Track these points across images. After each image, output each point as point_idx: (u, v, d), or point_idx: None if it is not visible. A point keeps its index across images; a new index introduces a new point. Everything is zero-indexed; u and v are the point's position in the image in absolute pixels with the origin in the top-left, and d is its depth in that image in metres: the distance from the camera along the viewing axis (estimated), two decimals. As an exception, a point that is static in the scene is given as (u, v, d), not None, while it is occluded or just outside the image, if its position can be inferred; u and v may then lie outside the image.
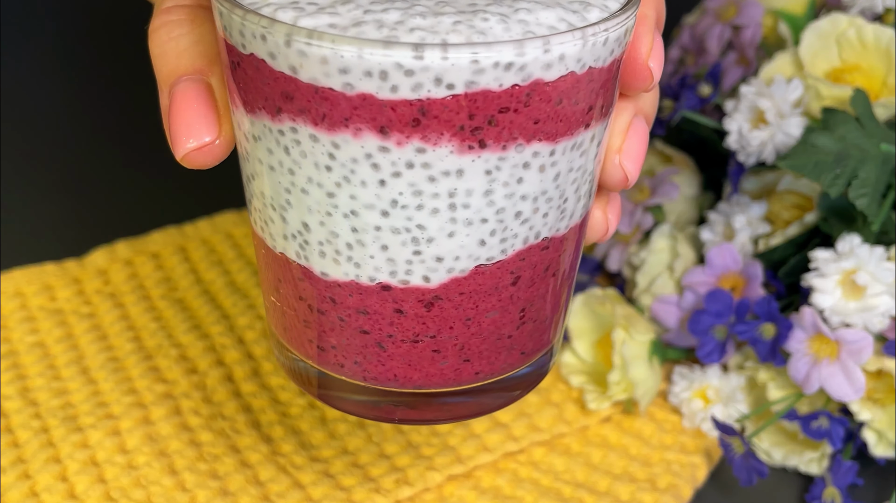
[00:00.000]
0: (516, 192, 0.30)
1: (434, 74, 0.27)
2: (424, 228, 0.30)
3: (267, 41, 0.28)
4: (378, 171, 0.29)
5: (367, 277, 0.31)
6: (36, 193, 0.65)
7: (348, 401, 0.34)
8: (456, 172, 0.29)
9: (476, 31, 0.28)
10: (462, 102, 0.28)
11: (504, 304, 0.32)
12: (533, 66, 0.28)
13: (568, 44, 0.28)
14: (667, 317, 0.52)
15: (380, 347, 0.32)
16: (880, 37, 0.50)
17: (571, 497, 0.47)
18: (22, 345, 0.53)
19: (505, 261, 0.31)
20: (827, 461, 0.48)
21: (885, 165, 0.47)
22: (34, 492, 0.45)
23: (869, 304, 0.46)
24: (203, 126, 0.32)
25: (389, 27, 0.28)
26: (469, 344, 0.32)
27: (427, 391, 0.33)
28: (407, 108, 0.28)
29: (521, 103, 0.29)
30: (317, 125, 0.29)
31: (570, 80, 0.29)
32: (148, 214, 0.62)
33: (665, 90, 0.53)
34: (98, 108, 0.73)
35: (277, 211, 0.31)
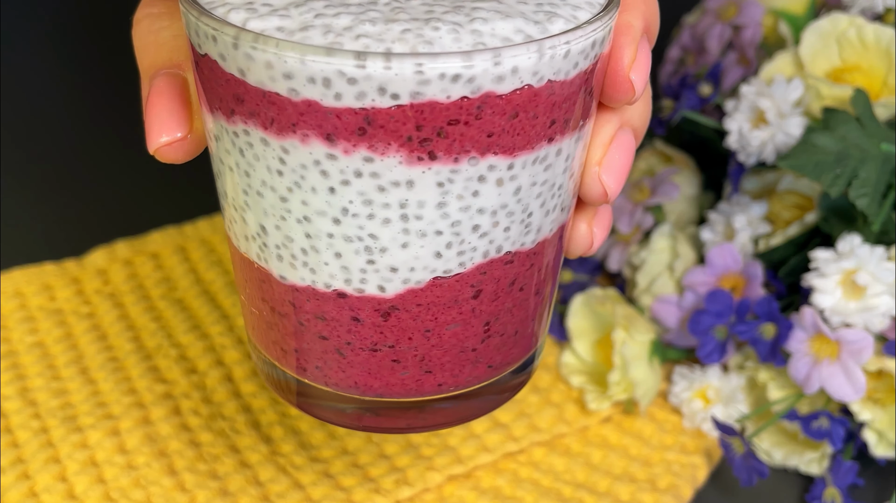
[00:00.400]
0: (472, 205, 0.29)
1: (377, 84, 0.27)
2: (377, 238, 0.29)
3: (218, 43, 0.28)
4: (327, 179, 0.28)
5: (322, 283, 0.30)
6: (35, 193, 0.65)
7: (317, 406, 0.34)
8: (406, 183, 0.28)
9: (423, 41, 0.27)
10: (408, 113, 0.27)
11: (466, 318, 0.31)
12: (483, 78, 0.27)
13: (521, 56, 0.27)
14: (667, 317, 0.52)
15: (339, 354, 0.32)
16: (881, 36, 0.50)
17: (571, 497, 0.47)
18: (21, 345, 0.53)
19: (464, 274, 0.30)
20: (827, 461, 0.48)
21: (885, 165, 0.47)
22: (34, 492, 0.45)
23: (869, 304, 0.46)
24: (175, 121, 0.31)
25: (336, 33, 0.27)
26: (430, 355, 0.32)
27: (402, 401, 0.32)
28: (352, 117, 0.27)
29: (472, 116, 0.28)
30: (266, 129, 0.28)
31: (527, 93, 0.28)
32: (147, 214, 0.62)
33: (665, 90, 0.53)
34: (97, 107, 0.73)
35: (238, 211, 0.31)
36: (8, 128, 0.70)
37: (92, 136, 0.70)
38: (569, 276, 0.57)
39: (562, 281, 0.57)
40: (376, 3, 0.28)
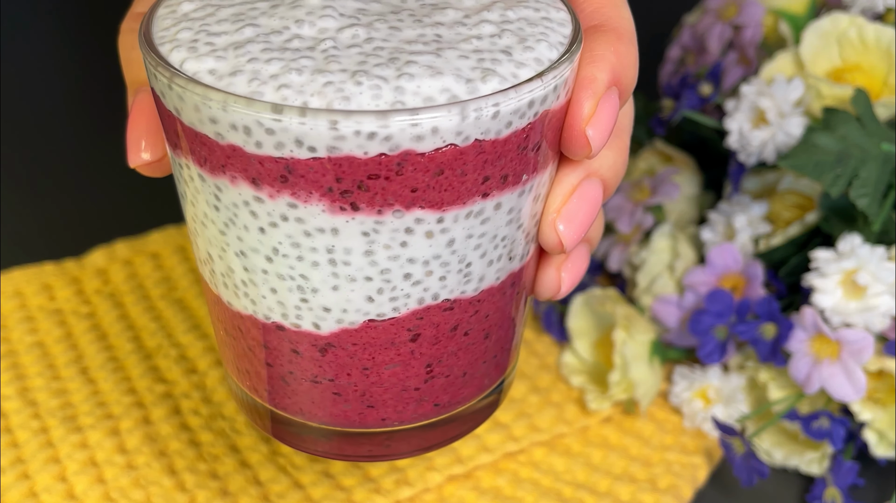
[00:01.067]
0: (401, 254, 0.29)
1: (294, 136, 0.27)
2: (307, 279, 0.30)
3: (158, 80, 0.29)
4: (257, 219, 0.29)
5: (262, 315, 0.31)
6: (35, 193, 0.65)
7: (285, 432, 0.34)
8: (331, 230, 0.29)
9: (342, 96, 0.27)
10: (326, 166, 0.27)
11: (405, 359, 0.31)
12: (400, 137, 0.27)
13: (441, 118, 0.27)
14: (667, 317, 0.52)
15: (283, 382, 0.32)
16: (881, 36, 0.50)
17: (572, 497, 0.47)
18: (21, 344, 0.53)
19: (399, 318, 0.31)
20: (828, 461, 0.48)
21: (885, 165, 0.47)
22: (33, 492, 0.45)
23: (870, 304, 0.46)
24: (153, 140, 0.32)
25: (261, 80, 0.27)
26: (370, 391, 0.32)
27: (308, 423, 0.33)
28: (273, 165, 0.28)
29: (393, 171, 0.28)
30: (201, 166, 0.29)
31: (451, 152, 0.28)
32: (147, 214, 0.62)
33: (665, 90, 0.53)
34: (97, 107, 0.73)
35: (192, 236, 0.32)
36: (8, 127, 0.70)
37: (92, 136, 0.70)
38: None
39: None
40: (313, 49, 0.28)
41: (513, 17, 0.31)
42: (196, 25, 0.29)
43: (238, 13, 0.30)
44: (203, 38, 0.29)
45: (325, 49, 0.28)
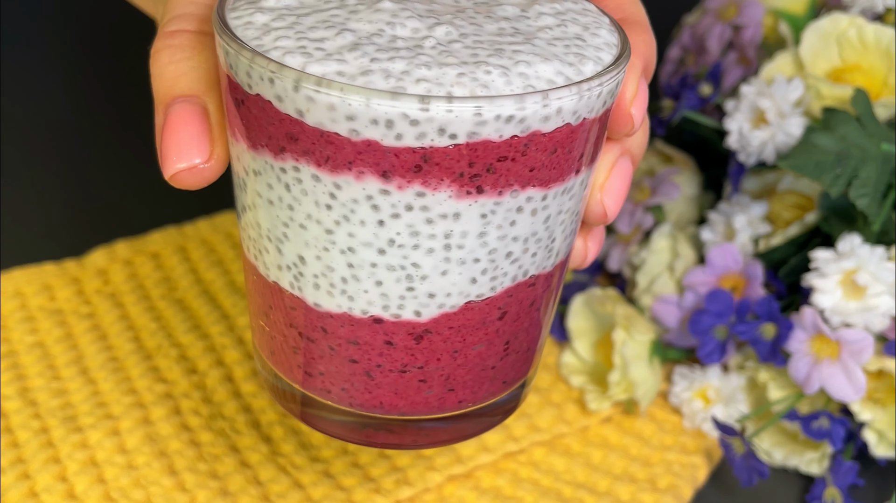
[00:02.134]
0: (508, 233, 0.31)
1: (438, 125, 0.28)
2: (419, 266, 0.31)
3: (275, 84, 0.29)
4: (377, 212, 0.30)
5: (359, 310, 0.32)
6: (35, 193, 0.65)
7: (331, 423, 0.35)
8: (453, 215, 0.30)
9: (479, 84, 0.29)
10: (463, 151, 0.29)
11: (490, 338, 0.33)
12: (532, 118, 0.29)
13: (565, 98, 0.29)
14: (667, 317, 0.52)
15: (368, 376, 0.33)
16: (881, 37, 0.50)
17: (572, 497, 0.47)
18: (21, 345, 0.53)
19: (493, 297, 0.32)
20: (827, 461, 0.48)
21: (885, 165, 0.47)
22: (34, 492, 0.45)
23: (869, 304, 0.46)
24: (194, 147, 0.32)
25: (396, 77, 0.29)
26: (454, 374, 0.33)
27: (409, 418, 0.34)
28: (410, 156, 0.29)
29: (519, 153, 0.30)
30: (320, 166, 0.30)
31: (566, 130, 0.30)
32: (147, 214, 0.62)
33: (665, 90, 0.53)
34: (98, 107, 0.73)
35: (273, 242, 0.32)
36: (8, 127, 0.71)
37: (92, 136, 0.70)
38: (569, 276, 0.57)
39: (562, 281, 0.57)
40: (421, 47, 0.30)
41: (561, 9, 0.33)
42: (291, 33, 0.30)
43: (323, 20, 0.31)
44: (309, 45, 0.29)
45: (433, 46, 0.30)
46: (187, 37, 0.34)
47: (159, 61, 0.33)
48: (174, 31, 0.34)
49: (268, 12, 0.31)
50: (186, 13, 0.34)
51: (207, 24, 0.34)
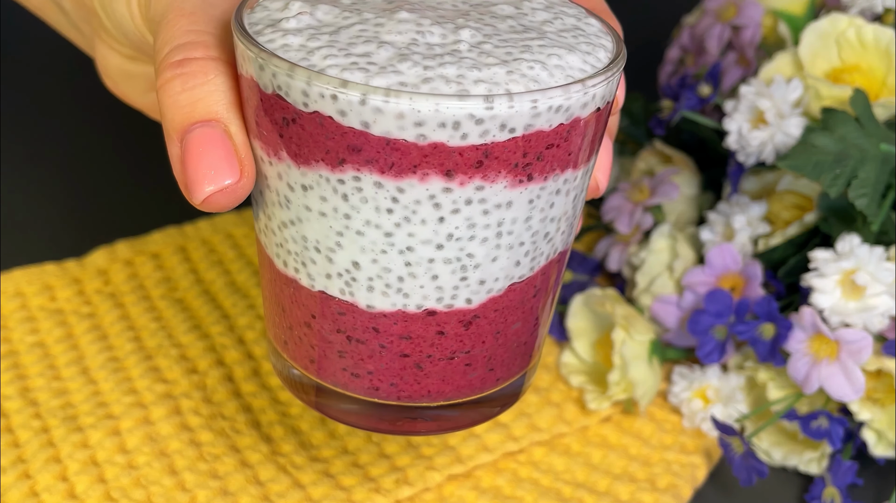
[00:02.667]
0: (548, 215, 0.33)
1: (500, 121, 0.30)
2: (473, 256, 0.33)
3: (338, 100, 0.30)
4: (439, 210, 0.31)
5: (414, 305, 0.33)
6: (36, 193, 0.65)
7: (370, 417, 0.36)
8: (506, 204, 0.32)
9: (530, 80, 0.31)
10: (519, 143, 0.31)
11: (526, 315, 0.35)
12: (575, 106, 0.31)
13: (599, 85, 0.32)
14: (666, 317, 0.52)
15: (418, 368, 0.35)
16: (880, 37, 0.50)
17: (571, 497, 0.47)
18: (22, 345, 0.53)
19: (531, 276, 0.34)
20: (826, 461, 0.48)
21: (884, 165, 0.47)
22: (34, 491, 0.45)
23: (868, 304, 0.46)
24: (225, 169, 0.33)
25: (455, 81, 0.30)
26: (495, 354, 0.35)
27: (445, 403, 0.35)
28: (473, 153, 0.31)
29: (563, 139, 0.32)
30: (384, 173, 0.31)
31: (596, 114, 0.33)
32: (148, 214, 0.62)
33: (665, 90, 0.53)
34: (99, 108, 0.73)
35: (323, 253, 0.33)
36: (9, 127, 0.71)
37: (93, 137, 0.70)
38: (569, 276, 0.57)
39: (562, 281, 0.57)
40: (458, 51, 0.31)
41: (547, 3, 0.35)
42: (335, 51, 0.31)
43: (356, 35, 0.32)
44: (360, 60, 0.31)
45: (469, 49, 0.32)
46: (198, 64, 0.34)
47: (171, 90, 0.34)
48: (181, 61, 0.34)
49: (297, 34, 0.32)
50: (188, 42, 0.34)
51: (215, 51, 0.34)
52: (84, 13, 0.44)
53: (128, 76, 0.45)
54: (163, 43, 0.35)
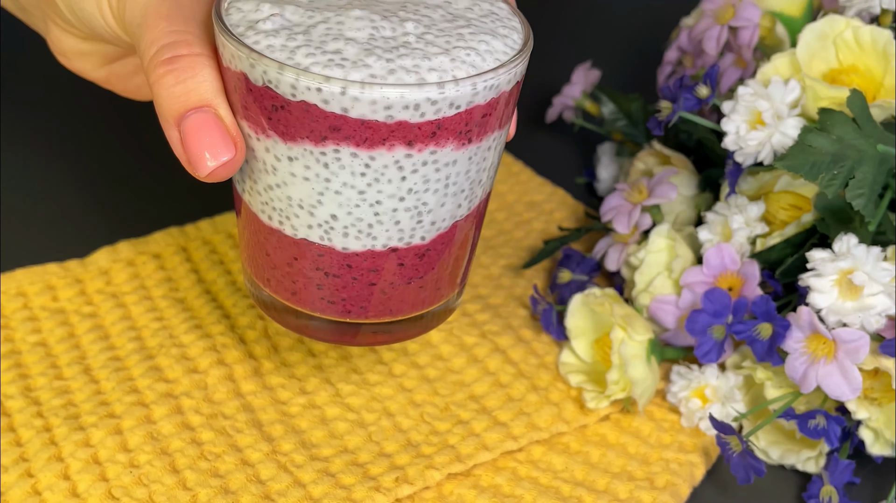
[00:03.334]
0: (481, 166, 0.41)
1: (449, 101, 0.38)
2: (427, 204, 0.40)
3: (322, 91, 0.37)
4: (401, 171, 0.39)
5: (381, 245, 0.41)
6: (38, 194, 0.65)
7: (340, 333, 0.44)
8: (452, 162, 0.39)
9: (469, 66, 0.38)
10: (463, 116, 0.38)
11: (463, 243, 0.43)
12: (503, 83, 0.39)
13: (519, 63, 0.40)
14: (665, 316, 0.52)
15: (382, 293, 0.42)
16: (877, 38, 0.50)
17: (570, 495, 0.47)
18: (24, 344, 0.53)
19: (468, 214, 0.42)
20: (824, 459, 0.49)
21: (882, 166, 0.47)
22: (36, 490, 0.46)
23: (866, 304, 0.46)
24: (221, 146, 0.39)
25: (413, 71, 0.37)
26: (440, 276, 0.43)
27: (399, 318, 0.44)
28: (429, 126, 0.38)
29: (493, 108, 0.39)
30: (358, 146, 0.38)
31: (515, 87, 0.40)
32: (150, 215, 0.62)
33: (663, 91, 0.53)
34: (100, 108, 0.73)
35: (305, 209, 0.40)
36: (11, 128, 0.71)
37: (95, 137, 0.71)
38: (567, 276, 0.57)
39: (561, 280, 0.58)
40: (410, 44, 0.38)
41: None
42: (311, 49, 0.37)
43: (325, 33, 0.38)
44: (334, 57, 0.37)
45: (416, 39, 0.38)
46: (186, 60, 0.39)
47: (166, 84, 0.39)
48: (171, 58, 0.39)
49: (275, 35, 0.38)
50: (173, 41, 0.40)
51: (198, 47, 0.40)
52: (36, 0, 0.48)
53: (82, 54, 0.49)
54: (149, 43, 0.40)
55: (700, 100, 0.52)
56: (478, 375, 0.53)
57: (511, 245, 0.62)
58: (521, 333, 0.56)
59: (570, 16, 0.87)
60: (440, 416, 0.51)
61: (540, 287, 0.59)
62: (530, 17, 0.46)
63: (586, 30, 0.86)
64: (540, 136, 0.73)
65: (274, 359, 0.53)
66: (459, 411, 0.51)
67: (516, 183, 0.67)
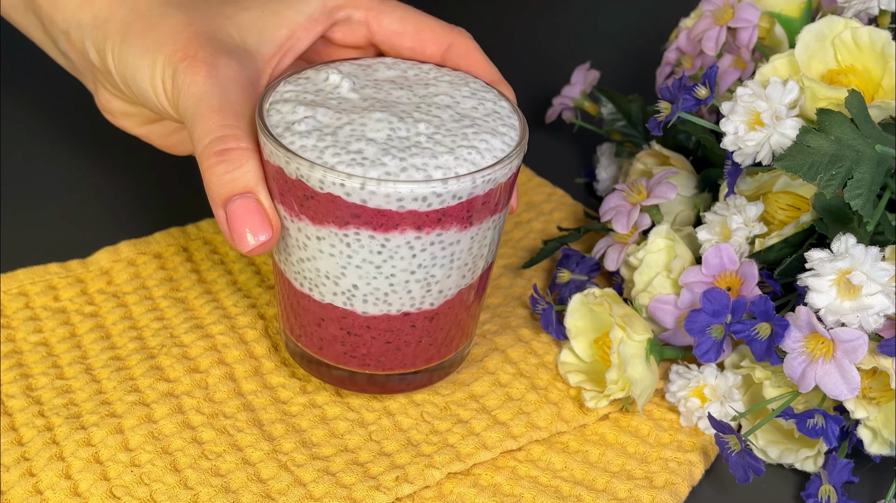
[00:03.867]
0: (483, 243, 0.47)
1: (452, 193, 0.43)
2: (435, 276, 0.46)
3: (345, 185, 0.43)
4: (412, 250, 0.45)
5: (395, 310, 0.47)
6: (39, 194, 0.65)
7: (361, 383, 0.50)
8: (456, 242, 0.45)
9: (470, 163, 0.44)
10: (464, 205, 0.44)
11: (467, 308, 0.49)
12: (500, 176, 0.45)
13: (514, 159, 0.45)
14: (664, 316, 0.52)
15: (397, 349, 0.48)
16: (875, 39, 0.50)
17: (570, 494, 0.47)
18: (26, 344, 0.53)
19: (473, 283, 0.48)
20: (822, 459, 0.49)
21: (880, 166, 0.47)
22: (38, 489, 0.46)
23: (864, 304, 0.46)
24: (262, 228, 0.45)
25: (422, 168, 0.43)
26: (448, 335, 0.49)
27: (410, 371, 0.50)
28: (435, 214, 0.44)
29: (491, 197, 0.45)
30: (375, 230, 0.44)
31: (513, 177, 0.46)
32: (151, 215, 0.62)
33: (662, 92, 0.54)
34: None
35: (331, 279, 0.46)
36: (12, 129, 0.71)
37: (97, 137, 0.71)
38: (567, 276, 0.57)
39: (560, 280, 0.58)
40: (421, 143, 0.44)
41: (470, 92, 0.48)
42: (338, 149, 0.43)
43: (349, 134, 0.44)
44: (356, 157, 0.43)
45: (427, 139, 0.44)
46: (235, 153, 0.45)
47: (217, 172, 0.45)
48: (222, 150, 0.45)
49: (308, 136, 0.44)
50: (224, 135, 0.45)
51: (244, 142, 0.45)
52: (89, 66, 0.52)
53: (127, 114, 0.54)
54: (203, 134, 0.45)
55: (699, 100, 0.52)
56: (477, 375, 0.53)
57: (510, 245, 0.62)
58: (520, 333, 0.56)
59: (570, 16, 0.88)
60: (440, 416, 0.51)
61: (539, 287, 0.59)
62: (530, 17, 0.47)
63: (586, 30, 0.86)
64: (539, 137, 0.73)
65: (274, 359, 0.53)
66: (459, 410, 0.51)
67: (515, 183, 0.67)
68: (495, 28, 0.85)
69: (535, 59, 0.82)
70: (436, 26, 0.49)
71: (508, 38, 0.84)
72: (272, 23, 0.49)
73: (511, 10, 0.88)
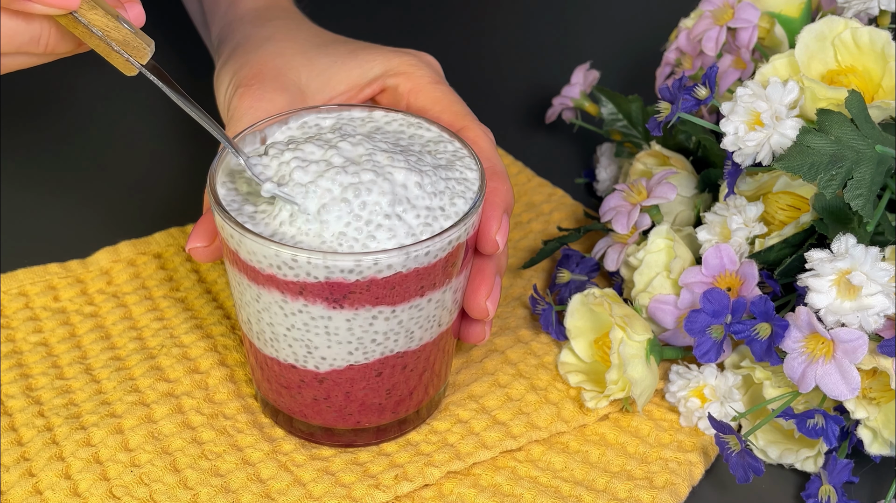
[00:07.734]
0: (370, 329, 0.45)
1: (306, 270, 0.43)
2: (312, 341, 0.46)
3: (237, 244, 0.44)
4: (283, 310, 0.45)
5: (282, 358, 0.47)
6: (40, 194, 0.65)
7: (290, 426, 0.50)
8: (327, 317, 0.45)
9: (366, 240, 0.44)
10: (325, 286, 0.44)
11: (371, 386, 0.47)
12: (369, 271, 0.43)
13: (394, 258, 0.43)
14: (664, 316, 0.52)
15: (293, 398, 0.48)
16: (875, 39, 0.50)
17: (569, 494, 0.47)
18: (26, 344, 0.53)
19: (369, 363, 0.47)
20: (822, 459, 0.49)
21: (880, 166, 0.47)
22: (38, 489, 0.46)
23: (864, 304, 0.46)
24: (204, 237, 0.49)
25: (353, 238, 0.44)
26: (349, 406, 0.48)
27: (316, 425, 0.49)
28: (294, 285, 0.44)
29: (364, 289, 0.44)
30: (251, 281, 0.45)
31: (399, 276, 0.44)
32: (151, 215, 0.62)
33: (662, 92, 0.54)
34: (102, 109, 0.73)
35: (255, 323, 0.47)
36: (13, 129, 0.71)
37: (97, 138, 0.71)
38: (567, 276, 0.57)
39: (560, 281, 0.58)
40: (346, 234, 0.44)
41: (444, 151, 0.48)
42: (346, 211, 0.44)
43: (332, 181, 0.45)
44: None
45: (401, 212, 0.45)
46: None
47: None
48: None
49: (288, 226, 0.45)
50: None
51: None
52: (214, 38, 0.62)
53: None
54: None
55: (699, 100, 0.52)
56: (477, 375, 0.53)
57: (510, 245, 0.62)
58: (520, 333, 0.56)
59: (570, 16, 0.88)
60: (439, 416, 0.51)
61: (539, 287, 0.59)
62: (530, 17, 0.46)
63: (585, 30, 0.86)
64: (539, 137, 0.74)
65: (274, 359, 0.53)
66: (459, 410, 0.51)
67: (515, 183, 0.67)
68: (496, 28, 0.85)
69: (535, 59, 0.82)
70: (460, 110, 0.53)
71: (508, 38, 0.84)
72: (337, 76, 0.54)
73: (511, 10, 0.88)
